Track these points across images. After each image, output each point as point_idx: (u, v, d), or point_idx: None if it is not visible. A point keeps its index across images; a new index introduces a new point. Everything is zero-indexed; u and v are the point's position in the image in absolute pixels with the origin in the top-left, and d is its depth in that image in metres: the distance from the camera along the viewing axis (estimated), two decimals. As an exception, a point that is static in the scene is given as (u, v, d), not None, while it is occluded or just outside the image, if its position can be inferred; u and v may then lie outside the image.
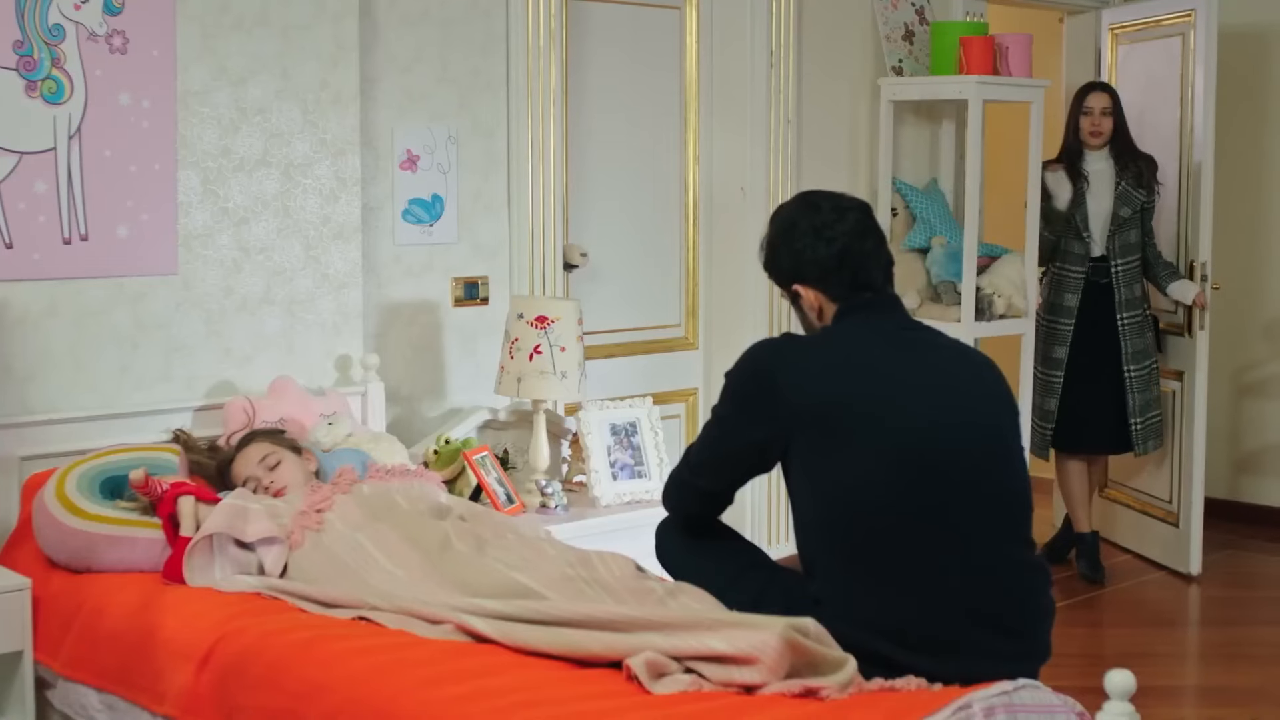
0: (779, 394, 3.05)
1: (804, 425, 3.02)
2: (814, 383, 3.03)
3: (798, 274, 3.18)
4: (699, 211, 6.00)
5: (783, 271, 3.22)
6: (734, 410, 3.15)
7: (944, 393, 3.06)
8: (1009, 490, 3.08)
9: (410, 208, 4.93)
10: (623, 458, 4.73)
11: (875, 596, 2.98)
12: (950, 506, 2.98)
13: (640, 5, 5.76)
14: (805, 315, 3.23)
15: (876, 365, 3.07)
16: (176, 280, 4.34)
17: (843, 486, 2.99)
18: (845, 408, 3.00)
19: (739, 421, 3.13)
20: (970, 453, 3.02)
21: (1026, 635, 3.06)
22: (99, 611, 3.60)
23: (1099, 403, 6.36)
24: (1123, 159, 6.30)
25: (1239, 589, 6.35)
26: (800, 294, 3.19)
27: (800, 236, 3.16)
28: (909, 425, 2.99)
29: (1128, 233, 6.26)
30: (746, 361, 3.17)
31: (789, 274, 3.20)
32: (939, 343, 3.20)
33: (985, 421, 3.09)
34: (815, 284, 3.16)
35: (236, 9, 4.40)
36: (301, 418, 4.33)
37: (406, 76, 4.89)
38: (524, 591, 3.25)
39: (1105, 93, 6.34)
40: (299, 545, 3.61)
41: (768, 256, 3.25)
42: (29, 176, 4.06)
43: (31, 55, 4.05)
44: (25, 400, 4.09)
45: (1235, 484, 7.55)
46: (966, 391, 3.10)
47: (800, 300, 3.20)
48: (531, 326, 4.56)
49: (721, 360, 6.00)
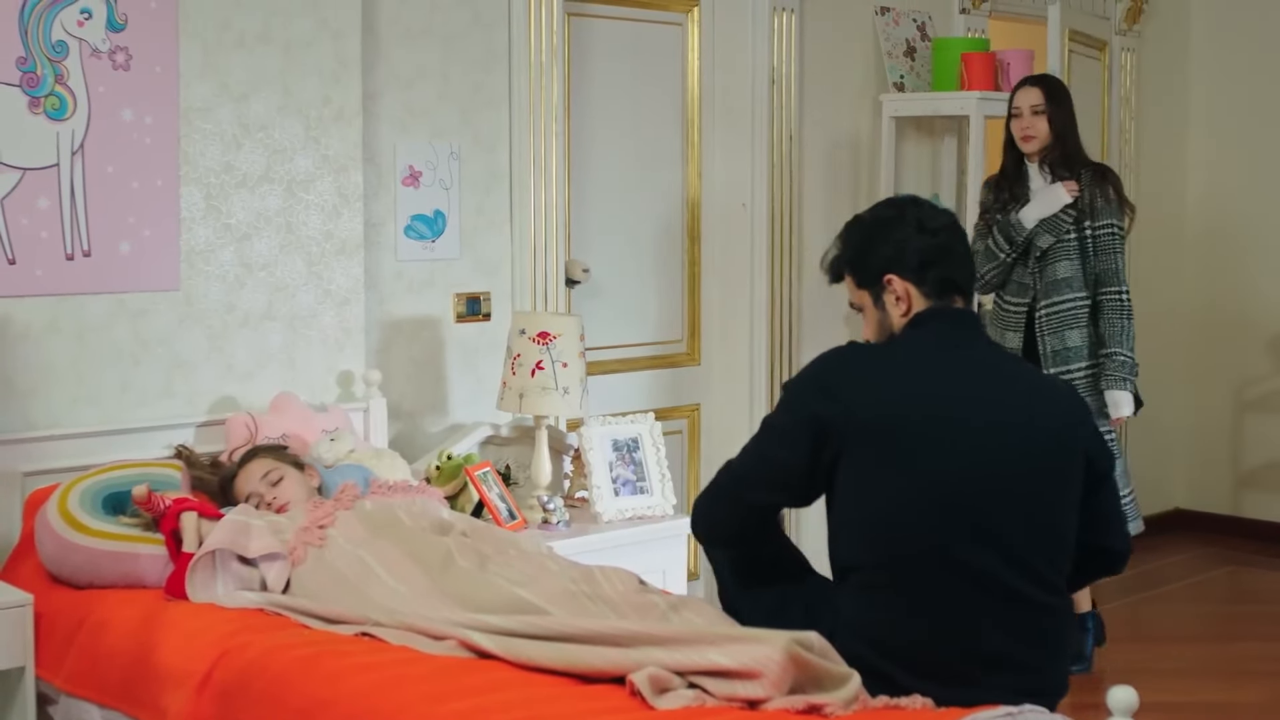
0: (839, 407, 2.99)
1: (860, 441, 2.98)
2: (875, 398, 2.99)
3: (897, 262, 3.11)
4: (701, 227, 6.00)
5: (875, 263, 3.14)
6: (791, 420, 3.07)
7: (1002, 426, 3.00)
8: (1049, 529, 3.02)
9: (412, 224, 4.93)
10: (625, 473, 4.73)
11: (892, 616, 2.96)
12: (984, 539, 2.94)
13: (642, 21, 5.77)
14: (885, 313, 3.15)
15: (941, 385, 3.03)
16: (179, 296, 4.35)
17: (884, 503, 2.97)
18: (901, 428, 2.97)
19: (794, 432, 3.04)
20: (1014, 489, 2.97)
21: (1045, 672, 3.02)
22: (101, 627, 3.60)
23: None
24: (1058, 172, 5.28)
25: (1242, 604, 6.35)
26: (890, 285, 3.12)
27: (903, 227, 3.14)
28: (959, 453, 2.95)
29: (1053, 267, 5.24)
30: (810, 371, 3.11)
31: (884, 263, 3.13)
32: (1016, 372, 3.18)
33: (1039, 459, 3.01)
34: (912, 275, 3.11)
35: (238, 25, 4.40)
36: (304, 433, 4.33)
37: (408, 92, 4.89)
38: (527, 607, 3.25)
39: (1036, 87, 5.32)
40: (301, 561, 3.60)
41: (854, 253, 3.19)
42: (32, 192, 4.06)
43: (35, 71, 4.05)
44: (28, 416, 4.09)
45: (1238, 500, 7.55)
46: (1028, 425, 3.02)
47: (886, 294, 3.13)
48: (533, 342, 4.56)
49: (724, 376, 6.01)
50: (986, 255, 5.29)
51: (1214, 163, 7.71)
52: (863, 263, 3.18)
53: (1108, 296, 5.27)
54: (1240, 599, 6.42)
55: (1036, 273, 5.27)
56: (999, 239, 5.30)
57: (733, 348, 5.98)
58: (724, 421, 6.02)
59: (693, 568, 5.83)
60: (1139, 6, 7.39)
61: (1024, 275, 5.30)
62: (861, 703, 2.80)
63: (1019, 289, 5.33)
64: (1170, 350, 7.65)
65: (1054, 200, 5.23)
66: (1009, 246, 5.29)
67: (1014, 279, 5.33)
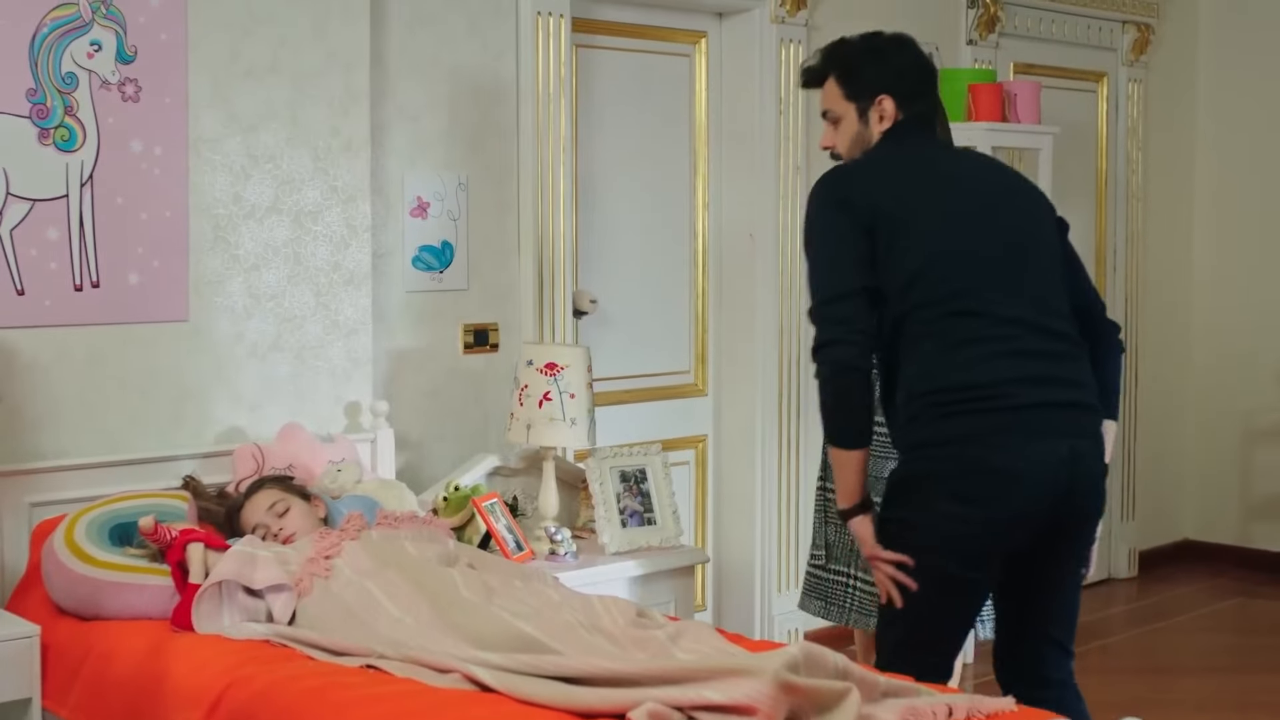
0: (856, 200, 3.37)
1: (878, 222, 3.34)
2: (887, 193, 3.39)
3: (893, 86, 3.52)
4: (708, 258, 6.01)
5: (874, 81, 3.52)
6: (826, 225, 3.40)
7: (993, 206, 3.45)
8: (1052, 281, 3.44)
9: (420, 254, 4.94)
10: (632, 504, 4.72)
11: (930, 361, 3.33)
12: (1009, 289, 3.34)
13: (650, 52, 5.79)
14: (867, 128, 3.53)
15: (932, 179, 3.46)
16: (187, 327, 4.35)
17: (906, 269, 3.33)
18: (906, 204, 3.37)
19: (837, 227, 3.38)
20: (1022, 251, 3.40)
21: (1079, 386, 3.37)
22: (107, 658, 3.59)
23: None
24: None
25: (1251, 636, 6.33)
26: (880, 104, 3.51)
27: (904, 55, 3.57)
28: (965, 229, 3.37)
29: None
30: (818, 191, 3.46)
31: (882, 84, 3.52)
32: (985, 165, 3.67)
33: (1032, 227, 3.47)
34: (902, 100, 3.51)
35: (248, 57, 4.42)
36: (310, 464, 4.33)
37: (417, 123, 4.91)
38: (529, 642, 3.24)
39: None
40: (307, 593, 3.60)
41: (850, 67, 3.56)
42: (41, 223, 4.08)
43: (45, 103, 4.07)
44: (35, 446, 4.10)
45: (1246, 530, 7.53)
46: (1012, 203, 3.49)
47: (873, 110, 3.52)
48: (541, 373, 4.56)
49: (731, 406, 6.00)
50: None
51: (1222, 192, 7.71)
52: (859, 78, 3.55)
53: None
54: (1249, 630, 6.40)
55: None
56: None
57: (740, 378, 5.98)
58: (731, 452, 6.02)
59: (699, 600, 5.83)
60: (1145, 38, 7.41)
61: None
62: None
63: None
64: (1178, 381, 7.64)
65: None
66: None
67: None
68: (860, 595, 4.36)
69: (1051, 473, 3.28)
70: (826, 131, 3.65)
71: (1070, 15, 7.11)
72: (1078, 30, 7.17)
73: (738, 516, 6.00)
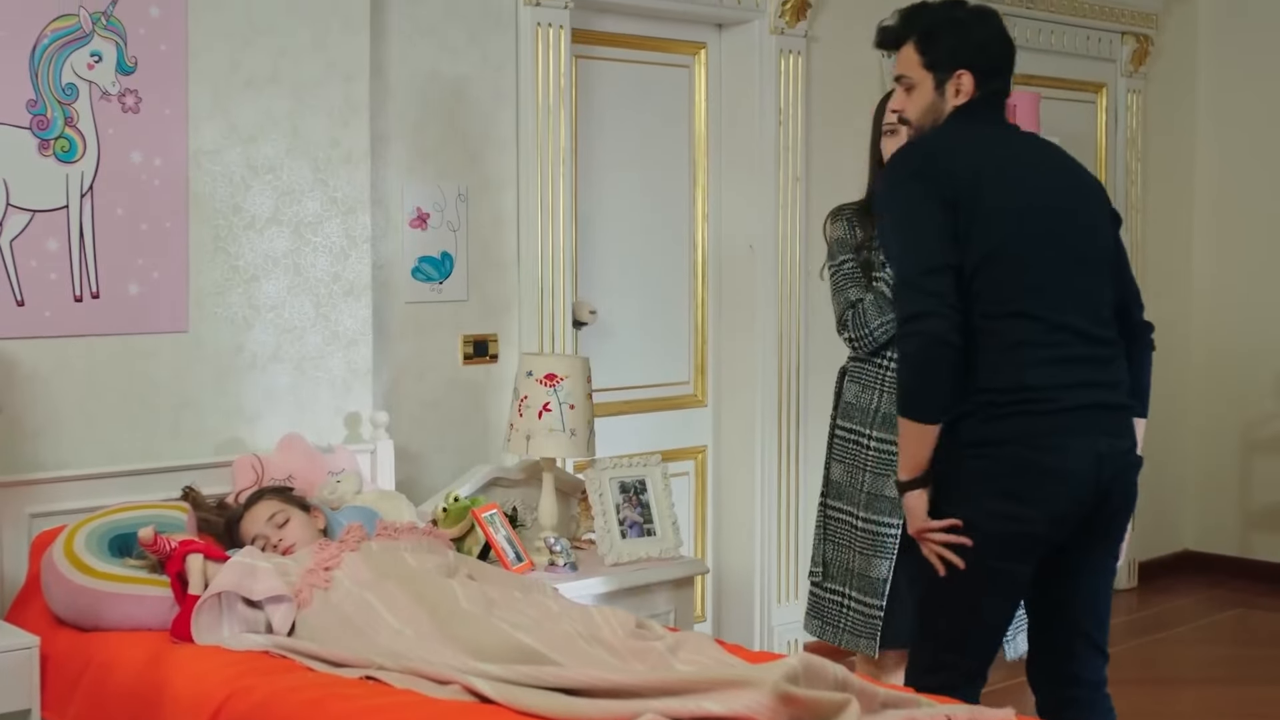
0: (940, 176, 3.36)
1: (960, 200, 3.34)
2: (962, 167, 3.38)
3: (975, 61, 3.49)
4: (708, 269, 6.01)
5: (957, 53, 3.50)
6: (911, 198, 3.38)
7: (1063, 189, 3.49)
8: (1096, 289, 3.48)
9: (420, 265, 4.94)
10: (632, 515, 4.72)
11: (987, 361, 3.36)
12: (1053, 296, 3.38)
13: (649, 64, 5.80)
14: (942, 99, 3.52)
15: (1003, 155, 3.46)
16: (187, 338, 4.35)
17: (973, 258, 3.33)
18: (981, 188, 3.36)
19: (924, 201, 3.35)
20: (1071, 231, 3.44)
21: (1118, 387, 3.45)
22: (107, 669, 3.59)
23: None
24: None
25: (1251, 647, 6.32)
26: (960, 79, 3.49)
27: (986, 28, 3.54)
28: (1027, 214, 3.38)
29: None
30: (901, 164, 3.49)
31: (964, 57, 3.50)
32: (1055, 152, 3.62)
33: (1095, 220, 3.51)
34: (981, 76, 3.50)
35: (248, 68, 4.42)
36: (310, 475, 4.33)
37: (416, 134, 4.91)
38: (528, 653, 3.24)
39: None
40: (307, 604, 3.60)
41: (932, 35, 3.52)
42: (41, 234, 4.08)
43: (45, 114, 4.07)
44: (35, 457, 4.10)
45: (1246, 541, 7.53)
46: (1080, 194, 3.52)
47: (950, 82, 3.50)
48: (541, 384, 4.56)
49: (731, 417, 6.00)
50: (879, 305, 4.17)
51: (1221, 203, 7.72)
52: (939, 47, 3.52)
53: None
54: (1250, 641, 6.40)
55: None
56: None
57: (740, 389, 5.98)
58: (731, 463, 6.02)
59: (699, 611, 5.83)
60: (1145, 49, 7.42)
61: None
62: None
63: None
64: (1178, 391, 7.64)
65: None
66: None
67: None
68: (854, 616, 4.25)
69: (1094, 470, 3.38)
70: (898, 95, 3.69)
71: (1069, 26, 7.12)
72: (1077, 41, 7.18)
73: (737, 527, 6.00)
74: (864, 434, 4.21)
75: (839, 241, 4.33)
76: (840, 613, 4.29)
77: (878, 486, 4.14)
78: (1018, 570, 3.44)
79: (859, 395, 4.24)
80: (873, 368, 4.23)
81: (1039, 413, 3.36)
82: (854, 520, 4.22)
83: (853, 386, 4.27)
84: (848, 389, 4.29)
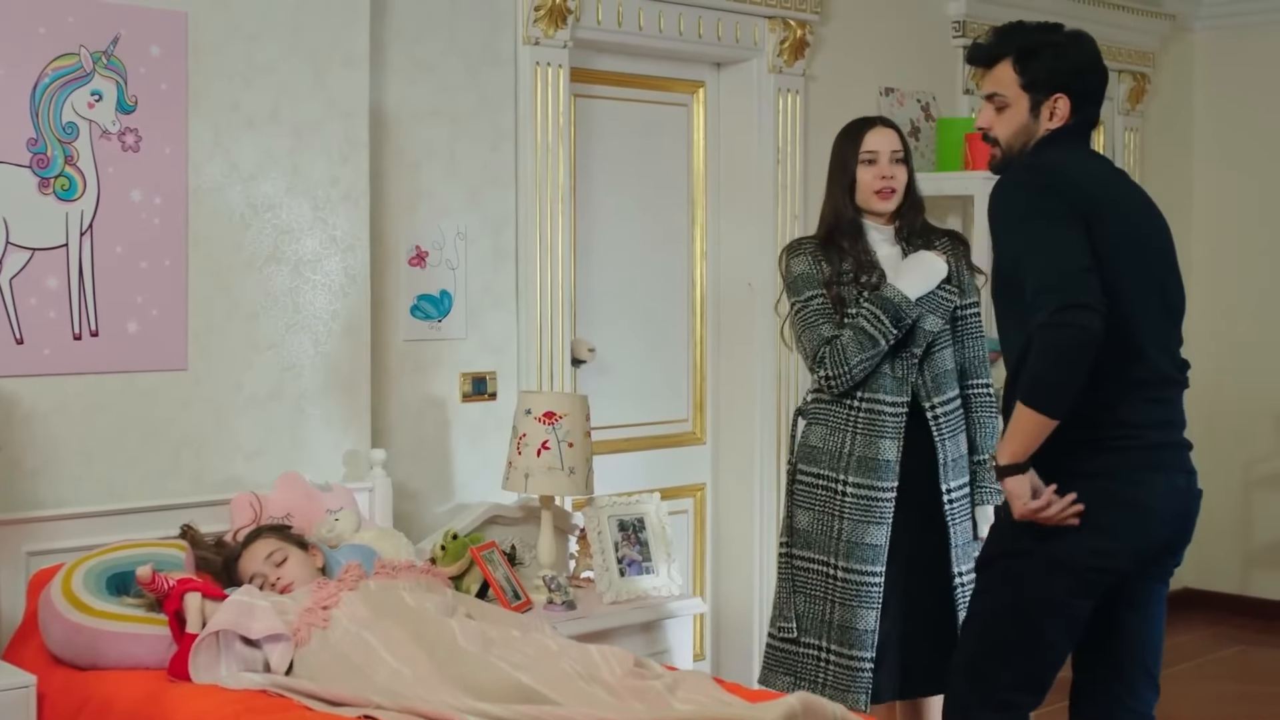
0: (1065, 188, 3.35)
1: (1091, 214, 3.34)
2: (1083, 183, 3.39)
3: (1073, 86, 3.49)
4: (706, 307, 6.02)
5: (1057, 76, 3.49)
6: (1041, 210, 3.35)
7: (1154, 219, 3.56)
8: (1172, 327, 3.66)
9: (419, 303, 4.95)
10: (630, 553, 4.72)
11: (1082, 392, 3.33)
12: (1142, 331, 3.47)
13: (648, 102, 5.82)
14: (1035, 121, 3.50)
15: (1101, 183, 3.46)
16: (186, 376, 4.35)
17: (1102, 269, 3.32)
18: (1105, 204, 3.38)
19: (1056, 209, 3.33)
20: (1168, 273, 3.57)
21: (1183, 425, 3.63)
22: (104, 708, 3.58)
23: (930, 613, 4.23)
24: (915, 240, 4.31)
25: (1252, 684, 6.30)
26: (1056, 103, 3.48)
27: (1084, 54, 3.53)
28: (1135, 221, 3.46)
29: (941, 355, 4.25)
30: (1019, 181, 3.43)
31: (1063, 81, 3.48)
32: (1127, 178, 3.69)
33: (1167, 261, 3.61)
34: (1077, 102, 3.50)
35: (248, 107, 4.44)
36: (308, 513, 4.33)
37: (416, 173, 4.92)
38: (527, 693, 3.24)
39: (892, 129, 4.34)
40: (305, 643, 3.59)
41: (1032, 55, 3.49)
42: (40, 272, 4.08)
43: (45, 153, 4.08)
44: (33, 495, 4.09)
45: (1246, 579, 7.52)
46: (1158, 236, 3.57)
47: (1046, 105, 3.49)
48: (539, 422, 4.56)
49: (729, 455, 6.00)
50: (859, 341, 4.08)
51: (1219, 240, 7.73)
52: (1039, 69, 3.50)
53: (977, 391, 4.33)
54: (1250, 679, 6.38)
55: (914, 363, 4.18)
56: (880, 318, 4.11)
57: (738, 427, 5.98)
58: (730, 501, 6.01)
59: (697, 649, 5.81)
60: (1141, 87, 7.45)
61: (900, 368, 4.16)
62: None
63: (896, 385, 4.15)
64: (1177, 429, 7.63)
65: (931, 272, 4.22)
66: (896, 329, 4.12)
67: (886, 372, 4.15)
68: (835, 670, 4.10)
69: (1176, 505, 3.50)
70: (985, 112, 3.61)
71: (1066, 65, 7.13)
72: (1074, 80, 7.19)
73: (736, 565, 5.99)
74: (836, 479, 4.12)
75: (804, 277, 4.24)
76: (818, 668, 4.14)
77: (858, 534, 4.06)
78: (1087, 605, 3.46)
79: (826, 439, 4.17)
80: (841, 409, 4.15)
81: (1129, 448, 3.42)
82: (830, 570, 4.12)
83: (818, 429, 4.19)
84: (811, 432, 4.21)
